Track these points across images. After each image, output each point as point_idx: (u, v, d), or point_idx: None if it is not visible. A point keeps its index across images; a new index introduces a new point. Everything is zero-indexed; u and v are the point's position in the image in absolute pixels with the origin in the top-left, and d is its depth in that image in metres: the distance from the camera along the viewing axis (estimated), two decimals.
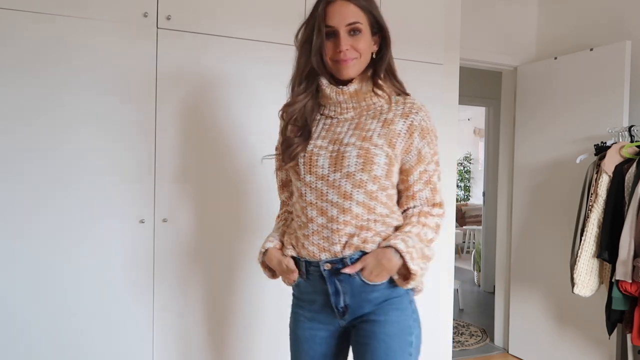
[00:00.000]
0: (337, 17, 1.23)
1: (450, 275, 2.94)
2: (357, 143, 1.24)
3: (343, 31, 1.23)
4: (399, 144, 1.27)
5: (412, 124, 1.28)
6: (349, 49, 1.23)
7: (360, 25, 1.24)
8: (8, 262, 1.80)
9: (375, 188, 1.25)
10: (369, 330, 1.25)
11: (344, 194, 1.23)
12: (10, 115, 1.79)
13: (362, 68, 1.28)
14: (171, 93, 2.01)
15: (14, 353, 1.82)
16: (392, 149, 1.26)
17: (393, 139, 1.26)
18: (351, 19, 1.23)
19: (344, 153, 1.24)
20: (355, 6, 1.24)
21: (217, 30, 2.09)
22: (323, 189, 1.25)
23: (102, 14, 1.90)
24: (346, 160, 1.23)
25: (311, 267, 1.28)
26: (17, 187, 1.80)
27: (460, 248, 7.42)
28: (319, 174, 1.26)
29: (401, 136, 1.27)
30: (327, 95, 1.29)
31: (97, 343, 1.93)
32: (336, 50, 1.24)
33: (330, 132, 1.30)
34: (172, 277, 2.04)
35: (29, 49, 1.81)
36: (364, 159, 1.23)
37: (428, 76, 2.57)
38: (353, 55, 1.25)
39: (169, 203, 2.02)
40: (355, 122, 1.30)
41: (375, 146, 1.24)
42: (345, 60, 1.24)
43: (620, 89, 2.76)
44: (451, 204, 2.96)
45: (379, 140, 1.25)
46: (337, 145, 1.26)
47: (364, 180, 1.23)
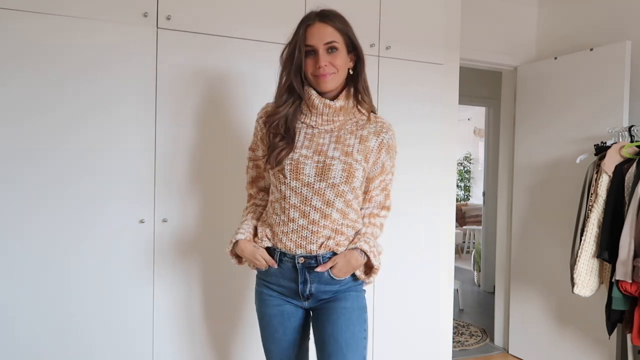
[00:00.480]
0: (315, 37, 1.40)
1: (450, 275, 2.94)
2: (341, 158, 1.42)
3: (322, 49, 1.40)
4: (371, 159, 1.48)
5: (382, 142, 1.49)
6: (327, 65, 1.40)
7: (336, 44, 1.41)
8: (8, 261, 1.80)
9: (351, 197, 1.45)
10: (329, 307, 1.45)
11: (327, 201, 1.41)
12: (9, 114, 1.79)
13: (339, 82, 1.44)
14: (171, 93, 2.01)
15: (13, 353, 1.82)
16: (367, 163, 1.47)
17: (368, 154, 1.47)
18: (328, 39, 1.40)
19: (330, 165, 1.41)
20: (332, 28, 1.41)
21: (217, 30, 2.09)
22: (308, 195, 1.41)
23: (102, 13, 1.90)
24: (332, 172, 1.41)
25: (285, 258, 1.45)
26: (17, 187, 1.80)
27: (460, 248, 7.41)
28: (305, 181, 1.41)
29: (373, 152, 1.48)
30: (315, 105, 1.44)
31: (97, 342, 1.93)
32: (316, 66, 1.40)
33: (313, 142, 1.45)
34: (172, 277, 2.04)
35: (29, 48, 1.81)
36: (347, 172, 1.41)
37: (428, 76, 2.57)
38: (331, 70, 1.41)
39: (169, 203, 2.02)
40: (335, 135, 1.46)
41: (356, 161, 1.43)
42: (324, 75, 1.40)
43: (620, 89, 2.76)
44: (451, 204, 2.96)
45: (358, 156, 1.44)
46: (323, 157, 1.42)
47: (345, 190, 1.42)
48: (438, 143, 2.64)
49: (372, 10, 2.43)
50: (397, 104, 2.50)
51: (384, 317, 2.50)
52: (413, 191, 2.57)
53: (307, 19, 1.42)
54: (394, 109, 2.49)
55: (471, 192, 9.29)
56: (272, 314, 1.50)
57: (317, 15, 1.42)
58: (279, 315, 1.49)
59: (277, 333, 1.50)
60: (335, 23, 1.42)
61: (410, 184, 2.55)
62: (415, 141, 2.56)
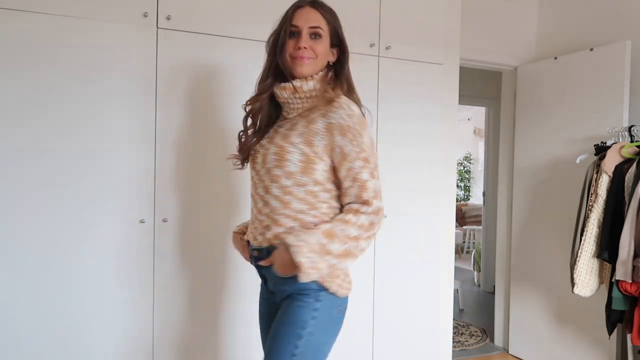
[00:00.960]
0: (302, 19, 1.39)
1: (450, 275, 2.94)
2: (278, 142, 1.37)
3: (305, 31, 1.38)
4: (317, 142, 1.33)
5: (330, 123, 1.33)
6: (307, 48, 1.37)
7: (321, 31, 1.39)
8: (8, 261, 1.80)
9: (289, 183, 1.34)
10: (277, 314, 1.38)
11: (265, 187, 1.38)
12: (10, 114, 1.79)
13: (316, 69, 1.40)
14: (171, 93, 2.01)
15: (14, 352, 1.82)
16: (310, 146, 1.33)
17: (311, 137, 1.34)
18: (314, 23, 1.39)
19: (268, 151, 1.39)
20: (320, 14, 1.40)
21: (217, 30, 2.09)
22: (256, 182, 1.42)
23: (102, 13, 1.90)
24: (268, 157, 1.38)
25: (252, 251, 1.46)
26: (17, 186, 1.80)
27: (460, 248, 7.41)
28: (256, 169, 1.43)
29: (319, 134, 1.33)
30: (277, 94, 1.42)
31: (97, 342, 1.93)
32: (296, 47, 1.38)
33: (277, 132, 1.43)
34: (172, 277, 2.04)
35: (28, 48, 1.81)
36: (278, 156, 1.35)
37: (428, 76, 2.57)
38: (310, 54, 1.38)
39: (169, 203, 2.02)
40: (293, 122, 1.41)
41: (291, 144, 1.35)
42: (302, 57, 1.37)
43: (620, 89, 2.76)
44: (451, 204, 2.96)
45: (297, 139, 1.35)
46: (270, 145, 1.40)
47: (278, 175, 1.35)
48: (438, 143, 2.64)
49: (372, 10, 2.43)
50: (397, 103, 2.50)
51: (384, 317, 2.50)
52: (413, 191, 2.57)
53: (298, 2, 1.42)
54: (394, 108, 2.49)
55: (471, 192, 9.28)
56: (260, 312, 1.57)
57: (309, 1, 1.42)
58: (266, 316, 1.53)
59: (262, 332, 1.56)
60: (325, 12, 1.42)
61: (410, 184, 2.55)
62: (415, 141, 2.56)
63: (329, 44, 1.42)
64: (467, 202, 9.10)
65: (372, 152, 1.37)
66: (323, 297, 1.33)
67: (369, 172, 1.33)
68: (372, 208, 1.31)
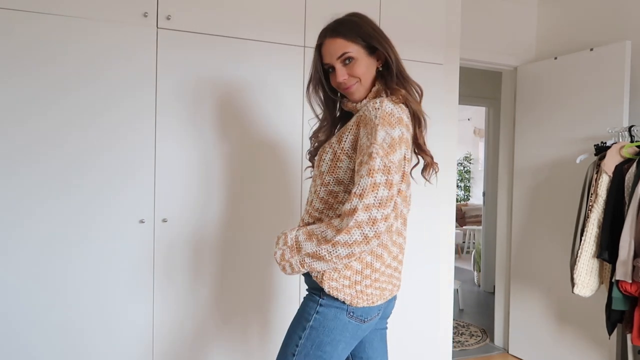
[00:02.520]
0: (328, 55, 1.38)
1: (450, 275, 2.94)
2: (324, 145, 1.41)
3: (337, 64, 1.36)
4: (345, 138, 1.33)
5: (359, 116, 1.32)
6: (347, 78, 1.37)
7: (350, 54, 1.35)
8: (9, 261, 1.80)
9: (319, 183, 1.37)
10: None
11: (313, 190, 1.41)
12: (9, 114, 1.79)
13: (367, 89, 1.39)
14: (171, 93, 2.01)
15: (15, 352, 1.82)
16: (339, 144, 1.33)
17: (343, 134, 1.34)
18: (339, 52, 1.35)
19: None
20: (342, 39, 1.35)
21: (217, 30, 2.09)
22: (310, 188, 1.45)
23: (102, 13, 1.90)
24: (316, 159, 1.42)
25: None
26: (16, 186, 1.80)
27: (460, 248, 7.42)
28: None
29: (350, 130, 1.33)
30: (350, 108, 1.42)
31: (96, 342, 1.93)
32: (337, 82, 1.38)
33: None
34: (172, 277, 2.04)
35: (28, 48, 1.81)
36: (319, 157, 1.39)
37: (428, 76, 2.57)
38: (352, 81, 1.37)
39: (169, 203, 2.02)
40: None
41: (329, 144, 1.37)
42: (347, 88, 1.38)
43: (620, 89, 2.76)
44: (451, 204, 2.96)
45: (334, 138, 1.37)
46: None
47: (315, 175, 1.40)
48: (438, 143, 2.64)
49: (372, 11, 2.42)
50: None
51: None
52: (413, 191, 2.57)
53: (318, 40, 1.41)
54: None
55: (471, 192, 9.29)
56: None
57: (325, 31, 1.39)
58: None
59: None
60: (344, 33, 1.35)
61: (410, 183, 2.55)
62: None
63: (367, 57, 1.38)
64: (467, 202, 9.10)
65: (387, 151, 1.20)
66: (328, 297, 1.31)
67: (368, 169, 1.20)
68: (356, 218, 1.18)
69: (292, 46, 2.21)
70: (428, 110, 2.58)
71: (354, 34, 1.36)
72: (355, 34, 1.36)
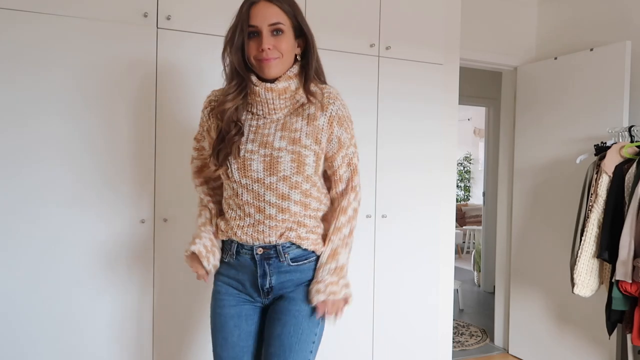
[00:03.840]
0: (259, 17, 1.28)
1: (450, 275, 2.94)
2: (288, 147, 1.32)
3: (265, 31, 1.28)
4: (322, 138, 1.35)
5: (330, 115, 1.35)
6: (270, 48, 1.28)
7: (282, 26, 1.30)
8: (11, 262, 1.80)
9: (308, 186, 1.35)
10: (283, 307, 1.35)
11: (282, 195, 1.32)
12: (9, 116, 1.79)
13: (285, 68, 1.33)
14: (171, 93, 2.01)
15: (14, 352, 1.81)
16: (318, 145, 1.35)
17: (318, 135, 1.34)
18: (273, 20, 1.28)
19: (278, 158, 1.31)
20: (278, 8, 1.29)
21: (217, 30, 2.08)
22: (260, 191, 1.32)
23: (102, 14, 1.90)
24: (281, 165, 1.31)
25: (242, 249, 1.37)
26: (17, 189, 1.80)
27: (460, 248, 7.42)
28: (254, 177, 1.32)
29: (324, 130, 1.35)
30: (256, 92, 1.32)
31: (96, 342, 1.93)
32: (259, 49, 1.29)
33: (258, 134, 1.34)
34: (172, 276, 2.04)
35: (27, 49, 1.81)
36: (297, 162, 1.31)
37: (428, 76, 2.57)
38: (275, 54, 1.29)
39: (169, 203, 2.02)
40: (281, 122, 1.35)
41: (305, 147, 1.32)
42: (267, 59, 1.28)
43: (620, 89, 2.76)
44: (451, 204, 2.96)
45: (307, 140, 1.33)
46: (269, 150, 1.32)
47: (299, 181, 1.32)
48: (438, 143, 2.64)
49: (372, 10, 2.43)
50: (397, 104, 2.50)
51: (383, 317, 2.50)
52: (413, 191, 2.57)
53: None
54: (394, 108, 2.49)
55: (471, 192, 9.29)
56: (228, 314, 1.39)
57: None
58: (235, 317, 1.39)
59: (232, 337, 1.39)
60: (282, 3, 1.30)
61: (410, 184, 2.55)
62: (415, 141, 2.56)
63: (293, 38, 1.33)
64: (467, 202, 9.11)
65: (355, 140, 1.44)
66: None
67: (357, 157, 1.43)
68: (357, 194, 1.42)
69: None
70: (428, 110, 2.61)
71: (290, 9, 1.32)
72: (291, 9, 1.32)
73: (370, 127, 2.44)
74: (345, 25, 2.35)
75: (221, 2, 2.10)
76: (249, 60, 1.31)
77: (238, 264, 1.38)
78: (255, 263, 1.35)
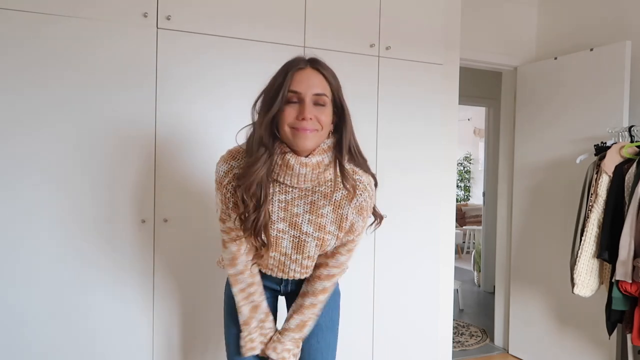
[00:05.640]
0: (304, 84, 1.20)
1: (450, 275, 2.94)
2: (314, 234, 1.33)
3: (309, 99, 1.20)
4: (345, 225, 1.36)
5: (355, 206, 1.35)
6: (312, 119, 1.20)
7: (325, 99, 1.23)
8: (13, 263, 1.80)
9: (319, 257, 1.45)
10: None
11: (305, 266, 1.41)
12: (8, 117, 1.79)
13: (319, 142, 1.25)
14: (171, 93, 2.01)
15: (27, 352, 1.82)
16: (341, 231, 1.37)
17: (342, 223, 1.35)
18: (319, 90, 1.21)
19: (305, 242, 1.35)
20: (324, 78, 1.23)
21: (217, 30, 2.09)
22: (286, 262, 1.39)
23: (102, 14, 1.90)
24: (306, 248, 1.35)
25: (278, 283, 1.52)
26: (24, 194, 1.81)
27: (460, 248, 7.42)
28: (282, 252, 1.37)
29: (347, 219, 1.35)
30: (290, 165, 1.24)
31: (96, 342, 1.93)
32: (298, 118, 1.20)
33: (287, 212, 1.31)
34: (172, 276, 2.04)
35: (26, 49, 1.81)
36: (320, 247, 1.36)
37: (428, 76, 2.57)
38: (314, 126, 1.21)
39: (169, 203, 2.02)
40: (309, 199, 1.31)
41: (329, 233, 1.35)
42: (305, 130, 1.20)
43: (620, 89, 2.76)
44: (451, 204, 2.96)
45: (332, 227, 1.34)
46: (298, 232, 1.33)
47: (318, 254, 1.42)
48: (438, 143, 2.64)
49: (372, 10, 2.43)
50: (397, 104, 2.50)
51: (383, 317, 2.50)
52: (413, 191, 2.57)
53: (295, 63, 1.23)
54: (394, 109, 2.49)
55: (471, 192, 9.29)
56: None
57: (309, 61, 1.24)
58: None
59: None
60: (328, 74, 1.24)
61: (410, 184, 2.55)
62: (415, 141, 2.56)
63: (331, 112, 1.26)
64: (467, 202, 9.10)
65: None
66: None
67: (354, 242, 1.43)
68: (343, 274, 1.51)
69: (292, 46, 2.21)
70: (428, 111, 2.61)
71: (333, 81, 1.26)
72: (334, 81, 1.26)
73: (370, 128, 2.44)
74: (345, 25, 2.35)
75: (221, 2, 2.10)
76: (281, 127, 1.21)
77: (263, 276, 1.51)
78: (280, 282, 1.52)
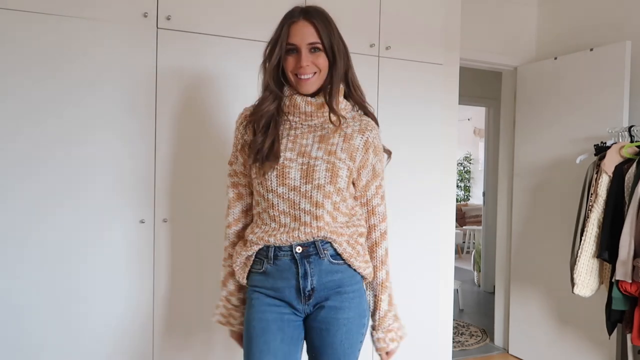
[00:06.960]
0: (298, 36, 1.35)
1: (450, 275, 2.94)
2: (324, 157, 1.35)
3: (304, 49, 1.35)
4: (357, 157, 1.40)
5: (367, 140, 1.42)
6: (309, 65, 1.35)
7: (319, 45, 1.36)
8: (15, 263, 1.80)
9: (338, 199, 1.37)
10: (329, 317, 1.36)
11: (316, 202, 1.33)
12: (9, 120, 1.79)
13: (321, 83, 1.39)
14: (171, 93, 2.01)
15: (27, 352, 1.82)
16: (353, 162, 1.39)
17: (353, 152, 1.39)
18: (311, 39, 1.35)
19: (314, 166, 1.34)
20: (315, 29, 1.35)
21: (217, 30, 2.09)
22: (295, 199, 1.33)
23: (102, 14, 1.90)
24: (316, 174, 1.33)
25: (280, 252, 1.35)
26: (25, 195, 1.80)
27: (460, 248, 7.42)
28: (291, 185, 1.33)
29: (359, 150, 1.41)
30: (296, 104, 1.38)
31: (97, 342, 1.93)
32: (297, 65, 1.35)
33: (296, 144, 1.37)
34: (171, 276, 2.04)
35: (26, 50, 1.80)
36: (331, 172, 1.34)
37: (428, 76, 2.57)
38: (313, 69, 1.36)
39: (169, 203, 2.02)
40: (318, 134, 1.39)
41: (339, 160, 1.36)
42: (304, 75, 1.35)
43: (620, 89, 2.76)
44: (451, 204, 2.96)
45: (342, 154, 1.37)
46: (307, 158, 1.35)
47: (331, 191, 1.35)
48: (438, 143, 2.64)
49: (372, 10, 2.43)
50: (397, 104, 2.50)
51: None
52: (413, 191, 2.57)
53: (290, 16, 1.37)
54: (394, 109, 2.49)
55: (471, 192, 9.29)
56: (270, 318, 1.34)
57: (301, 12, 1.37)
58: (279, 321, 1.34)
59: (275, 341, 1.33)
60: (319, 23, 1.36)
61: (410, 184, 2.55)
62: (415, 141, 2.56)
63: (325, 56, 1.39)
64: (467, 202, 9.11)
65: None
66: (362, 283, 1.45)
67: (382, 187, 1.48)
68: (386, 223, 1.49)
69: None
70: (428, 111, 2.61)
71: (326, 29, 1.37)
72: (326, 29, 1.37)
73: None
74: (345, 25, 2.33)
75: (221, 2, 2.10)
76: (287, 74, 1.38)
77: (276, 270, 1.35)
78: (296, 263, 1.34)
